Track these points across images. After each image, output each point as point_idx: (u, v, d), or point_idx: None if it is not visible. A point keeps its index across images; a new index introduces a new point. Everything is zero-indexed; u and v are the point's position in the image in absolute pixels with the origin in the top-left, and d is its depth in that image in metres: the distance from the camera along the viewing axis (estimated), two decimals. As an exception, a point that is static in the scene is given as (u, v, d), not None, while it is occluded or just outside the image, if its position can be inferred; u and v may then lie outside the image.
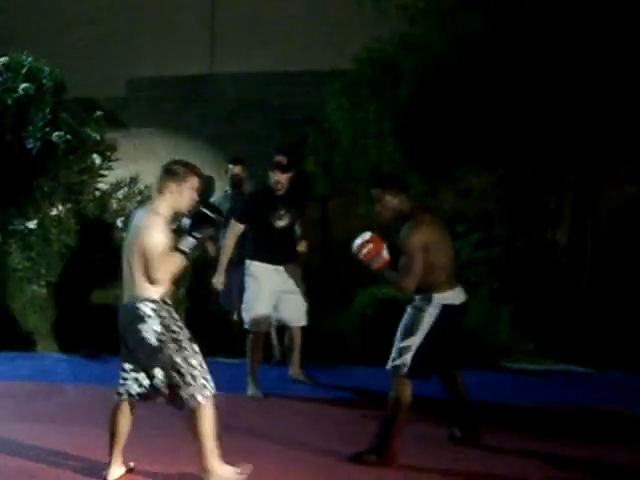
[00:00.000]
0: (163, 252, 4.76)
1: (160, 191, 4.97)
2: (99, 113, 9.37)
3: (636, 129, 8.39)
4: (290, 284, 7.44)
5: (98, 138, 9.29)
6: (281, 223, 7.39)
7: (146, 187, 9.21)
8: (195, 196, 5.01)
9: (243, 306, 7.48)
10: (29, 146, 8.92)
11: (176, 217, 5.04)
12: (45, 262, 9.15)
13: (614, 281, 8.83)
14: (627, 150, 8.71)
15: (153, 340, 4.76)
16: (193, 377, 4.77)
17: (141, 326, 4.77)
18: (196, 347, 4.87)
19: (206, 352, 4.95)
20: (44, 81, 9.18)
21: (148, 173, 10.02)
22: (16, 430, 6.05)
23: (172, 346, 4.77)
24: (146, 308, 4.78)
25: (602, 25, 8.26)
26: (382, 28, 8.90)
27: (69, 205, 9.29)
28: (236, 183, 8.69)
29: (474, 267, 8.60)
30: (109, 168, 9.34)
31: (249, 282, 7.42)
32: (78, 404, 6.95)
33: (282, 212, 7.38)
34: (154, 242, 4.75)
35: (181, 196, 4.92)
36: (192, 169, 5.01)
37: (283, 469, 5.30)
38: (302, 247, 7.60)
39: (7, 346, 8.77)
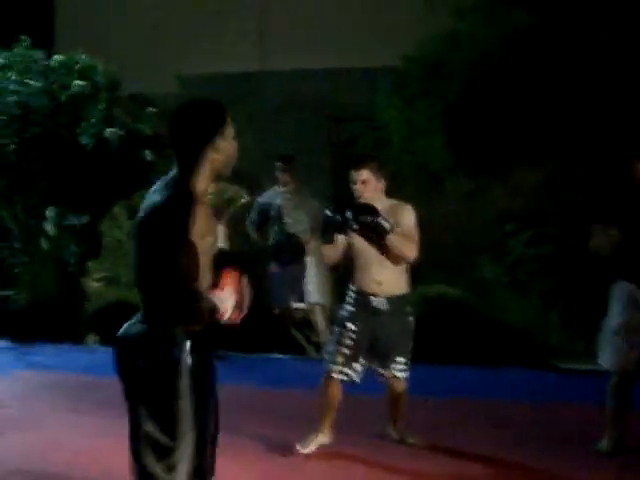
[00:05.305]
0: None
1: None
2: (151, 109, 9.46)
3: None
4: None
5: (150, 134, 9.38)
6: None
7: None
8: None
9: (602, 337, 5.69)
10: (83, 142, 9.04)
11: None
12: (97, 257, 9.29)
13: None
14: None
15: None
16: None
17: None
18: None
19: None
20: (98, 78, 9.31)
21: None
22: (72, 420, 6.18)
23: None
24: None
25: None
26: (431, 25, 8.89)
27: (121, 201, 9.40)
28: (285, 180, 8.72)
29: (524, 265, 8.58)
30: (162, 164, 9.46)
31: (612, 305, 5.64)
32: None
33: None
34: None
35: None
36: None
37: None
38: None
39: (61, 338, 8.91)
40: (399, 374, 5.54)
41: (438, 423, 6.25)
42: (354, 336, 5.48)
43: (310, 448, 5.61)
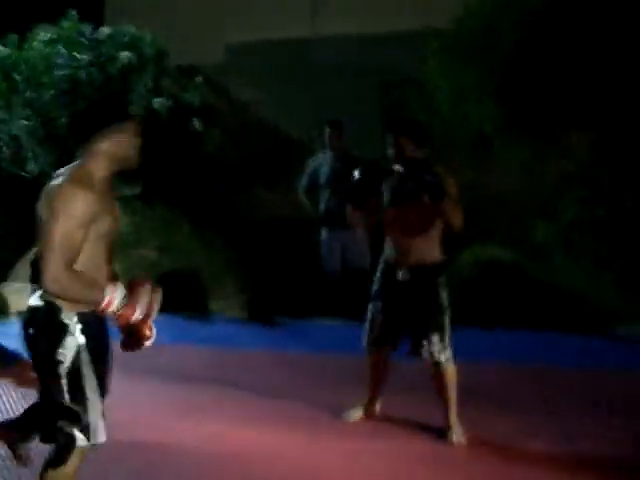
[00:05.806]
0: None
1: None
2: (199, 79, 9.42)
3: None
4: None
5: (198, 104, 9.35)
6: None
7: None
8: None
9: None
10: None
11: None
12: (149, 227, 9.33)
13: None
14: None
15: None
16: None
17: None
18: None
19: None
20: (146, 49, 9.30)
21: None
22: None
23: None
24: None
25: None
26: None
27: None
28: (334, 145, 8.65)
29: (578, 228, 8.43)
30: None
31: None
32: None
33: None
34: None
35: None
36: None
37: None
38: None
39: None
40: (437, 355, 5.15)
41: (487, 388, 6.17)
42: (382, 309, 5.33)
43: (355, 418, 5.59)
